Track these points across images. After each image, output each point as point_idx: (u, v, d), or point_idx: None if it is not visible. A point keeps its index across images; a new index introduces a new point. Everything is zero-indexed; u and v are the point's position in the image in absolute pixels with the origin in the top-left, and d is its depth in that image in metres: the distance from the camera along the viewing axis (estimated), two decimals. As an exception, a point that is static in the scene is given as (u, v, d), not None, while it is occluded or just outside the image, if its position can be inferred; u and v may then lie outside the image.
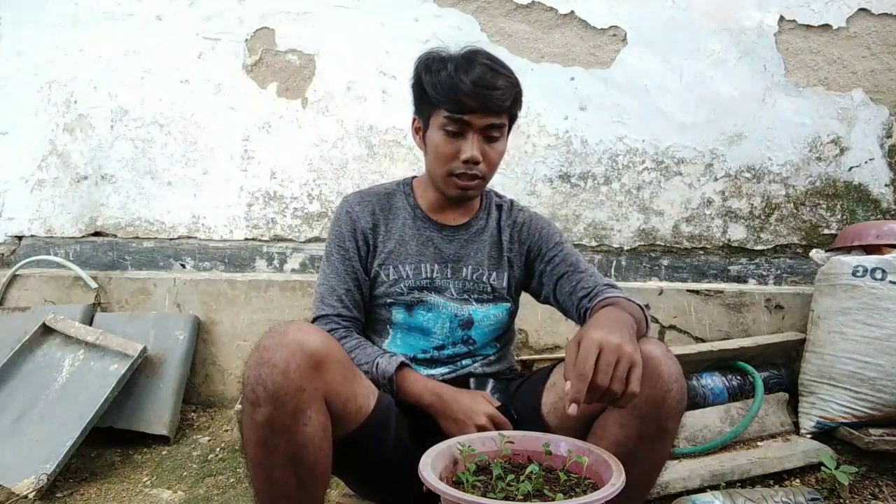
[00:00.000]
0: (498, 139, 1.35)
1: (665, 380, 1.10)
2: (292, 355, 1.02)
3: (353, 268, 1.41)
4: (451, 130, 1.31)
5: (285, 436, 1.04)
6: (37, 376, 2.23)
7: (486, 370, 1.46)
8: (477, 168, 1.33)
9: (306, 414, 1.04)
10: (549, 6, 2.45)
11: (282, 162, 2.61)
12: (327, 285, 1.41)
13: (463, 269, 1.44)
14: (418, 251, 1.43)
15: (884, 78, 2.38)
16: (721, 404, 2.03)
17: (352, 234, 1.42)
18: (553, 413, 1.26)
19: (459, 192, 1.37)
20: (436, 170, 1.37)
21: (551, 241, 1.46)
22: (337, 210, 1.46)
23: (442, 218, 1.45)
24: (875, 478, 1.88)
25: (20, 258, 2.72)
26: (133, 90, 2.65)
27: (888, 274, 1.95)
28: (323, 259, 1.45)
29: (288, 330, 1.06)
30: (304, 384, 1.03)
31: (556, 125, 2.49)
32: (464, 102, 1.28)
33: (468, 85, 1.27)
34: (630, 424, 1.12)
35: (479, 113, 1.29)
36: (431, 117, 1.35)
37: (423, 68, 1.35)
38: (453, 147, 1.32)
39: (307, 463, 1.07)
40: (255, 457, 1.07)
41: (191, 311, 2.52)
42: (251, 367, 1.03)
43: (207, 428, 2.35)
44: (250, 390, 1.02)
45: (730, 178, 2.45)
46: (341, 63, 2.55)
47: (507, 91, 1.31)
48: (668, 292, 2.39)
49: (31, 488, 1.87)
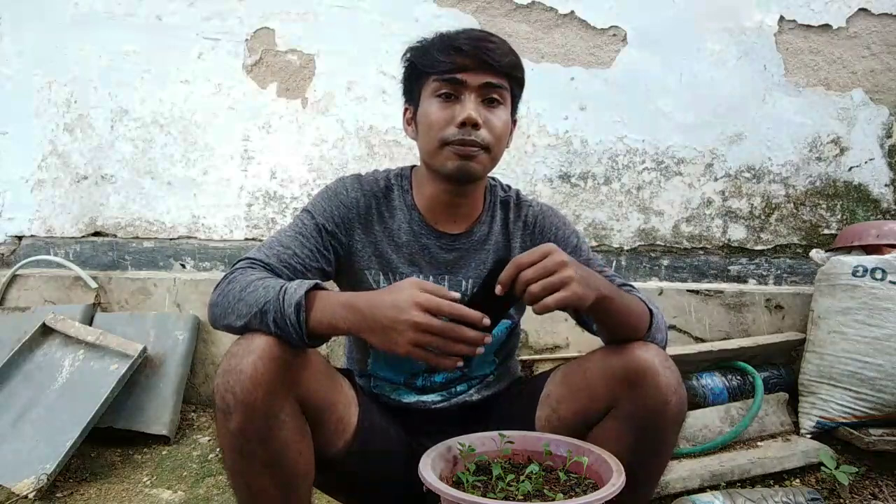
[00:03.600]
0: (499, 105, 1.19)
1: (663, 391, 1.07)
2: (259, 359, 0.99)
3: (316, 246, 1.21)
4: (444, 93, 1.17)
5: (261, 442, 1.01)
6: (37, 376, 2.23)
7: (485, 394, 1.36)
8: (476, 134, 1.16)
9: (279, 418, 1.01)
10: (549, 6, 2.45)
11: (282, 162, 2.60)
12: (276, 239, 1.20)
13: (462, 283, 1.29)
14: (411, 260, 1.28)
15: (884, 78, 2.38)
16: (721, 404, 2.03)
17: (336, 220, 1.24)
18: (547, 427, 1.22)
19: (459, 164, 1.17)
20: (429, 145, 1.20)
21: (568, 246, 1.30)
22: (333, 187, 1.28)
23: (441, 223, 1.29)
24: (875, 478, 1.88)
25: (20, 258, 2.72)
26: (133, 90, 2.65)
27: (888, 274, 1.95)
28: (291, 221, 1.26)
29: (255, 336, 1.02)
30: (273, 388, 0.99)
31: (556, 125, 2.49)
32: (456, 59, 1.15)
33: (461, 39, 1.16)
34: (627, 436, 1.10)
35: (475, 71, 1.15)
36: (422, 91, 1.22)
37: (409, 50, 1.25)
38: (447, 112, 1.17)
39: (286, 468, 1.04)
40: (233, 466, 1.04)
41: (191, 311, 2.52)
42: (220, 375, 1.01)
43: (207, 428, 2.35)
44: (220, 398, 1.00)
45: (730, 178, 2.45)
46: (341, 63, 2.55)
47: (502, 47, 1.18)
48: (668, 292, 2.39)
49: (31, 488, 1.87)
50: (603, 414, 1.16)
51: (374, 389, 1.36)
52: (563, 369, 1.28)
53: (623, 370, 1.11)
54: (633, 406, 1.10)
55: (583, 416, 1.18)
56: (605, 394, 1.14)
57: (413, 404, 1.34)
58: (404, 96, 1.31)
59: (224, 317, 1.09)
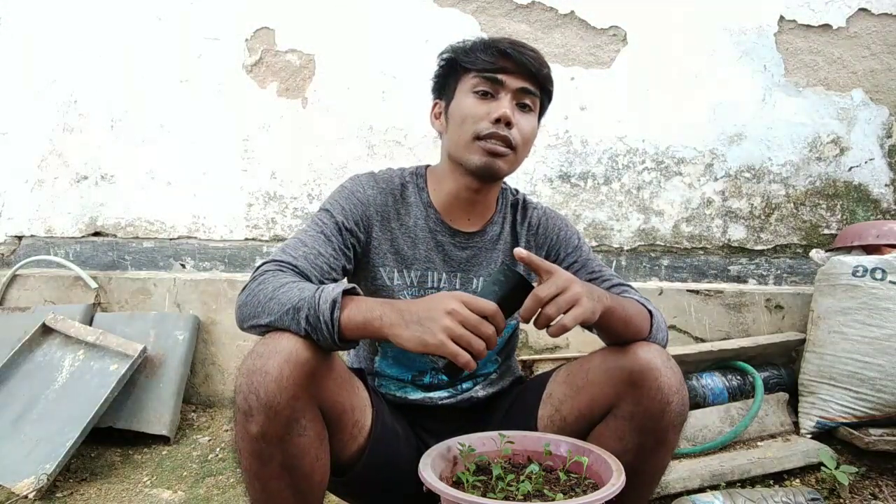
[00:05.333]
0: (530, 111, 1.25)
1: (665, 392, 1.08)
2: (285, 362, 0.97)
3: (339, 245, 1.22)
4: (482, 91, 1.22)
5: (280, 446, 1.00)
6: (37, 376, 2.23)
7: (489, 391, 1.38)
8: (509, 132, 1.21)
9: (301, 423, 1.01)
10: (549, 6, 2.45)
11: (282, 162, 2.61)
12: (299, 240, 1.20)
13: (473, 281, 1.33)
14: (426, 257, 1.30)
15: (884, 78, 2.38)
16: (721, 404, 2.03)
17: (355, 218, 1.25)
18: (550, 426, 1.23)
19: (486, 160, 1.21)
20: (460, 137, 1.23)
21: (570, 246, 1.36)
22: (349, 185, 1.29)
23: (456, 221, 1.32)
24: (875, 478, 1.88)
25: (20, 258, 2.72)
26: (133, 90, 2.65)
27: (888, 274, 1.95)
28: (308, 222, 1.25)
29: (282, 337, 1.01)
30: (298, 392, 0.98)
31: (556, 125, 2.49)
32: (498, 61, 1.21)
33: (503, 43, 1.22)
34: (628, 437, 1.11)
35: (514, 74, 1.21)
36: (459, 86, 1.25)
37: (450, 48, 1.29)
38: (484, 108, 1.21)
39: (303, 473, 1.05)
40: (249, 468, 1.04)
41: (191, 311, 2.52)
42: (243, 375, 0.99)
43: (207, 428, 2.35)
44: (242, 399, 0.98)
45: (730, 178, 2.45)
46: (341, 63, 2.55)
47: (541, 59, 1.24)
48: (668, 292, 2.39)
49: (31, 488, 1.87)
50: (605, 414, 1.16)
51: (380, 388, 1.37)
52: (565, 369, 1.29)
53: (625, 370, 1.12)
54: (635, 406, 1.11)
55: (585, 415, 1.19)
56: (607, 394, 1.15)
57: (419, 401, 1.35)
58: (434, 92, 1.36)
59: (254, 316, 1.07)
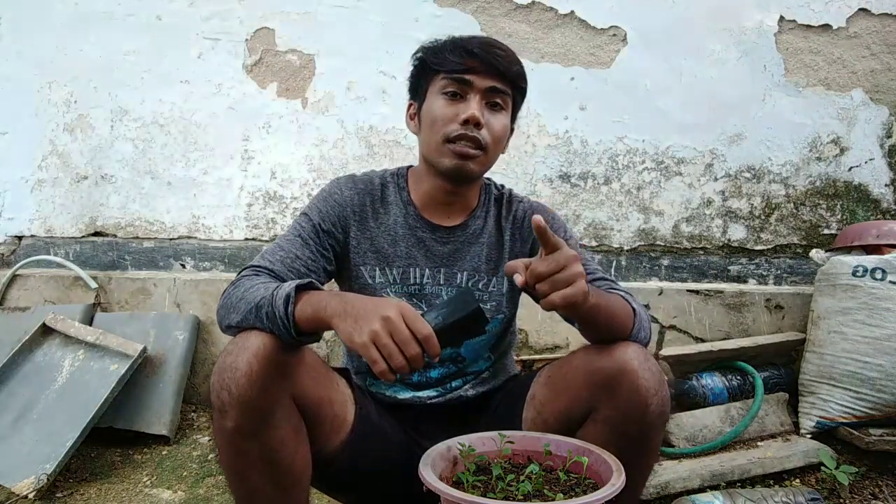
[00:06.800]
0: (501, 110, 1.25)
1: (642, 394, 1.06)
2: (254, 357, 0.99)
3: (316, 247, 1.24)
4: (451, 92, 1.22)
5: (256, 440, 1.01)
6: (37, 376, 2.23)
7: (480, 390, 1.36)
8: (478, 132, 1.20)
9: (274, 415, 1.02)
10: (549, 6, 2.45)
11: (282, 162, 2.61)
12: (277, 245, 1.24)
13: (458, 276, 1.31)
14: (408, 253, 1.30)
15: (884, 78, 2.38)
16: (721, 404, 2.03)
17: (332, 219, 1.27)
18: (533, 428, 1.21)
19: (457, 163, 1.22)
20: (431, 139, 1.24)
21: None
22: (327, 188, 1.32)
23: (436, 217, 1.32)
24: (875, 478, 1.88)
25: (20, 258, 2.72)
26: (133, 90, 2.65)
27: (888, 274, 1.95)
28: (289, 227, 1.29)
29: (250, 334, 1.02)
30: (269, 385, 0.99)
31: (556, 125, 2.49)
32: (466, 61, 1.20)
33: (472, 43, 1.21)
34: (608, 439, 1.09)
35: (483, 74, 1.20)
36: (429, 87, 1.26)
37: (421, 49, 1.29)
38: (452, 110, 1.21)
39: (283, 466, 1.05)
40: (229, 464, 1.05)
41: (191, 311, 2.52)
42: (216, 373, 1.01)
43: (207, 428, 2.35)
44: (216, 396, 1.00)
45: (730, 178, 2.45)
46: (341, 63, 2.55)
47: (511, 56, 1.24)
48: (668, 292, 2.39)
49: (31, 488, 1.87)
50: (585, 416, 1.15)
51: (371, 387, 1.37)
52: (546, 370, 1.27)
53: (601, 374, 1.10)
54: (613, 410, 1.09)
55: (565, 418, 1.18)
56: (586, 397, 1.13)
57: (408, 400, 1.34)
58: (410, 93, 1.36)
59: (226, 318, 1.11)
